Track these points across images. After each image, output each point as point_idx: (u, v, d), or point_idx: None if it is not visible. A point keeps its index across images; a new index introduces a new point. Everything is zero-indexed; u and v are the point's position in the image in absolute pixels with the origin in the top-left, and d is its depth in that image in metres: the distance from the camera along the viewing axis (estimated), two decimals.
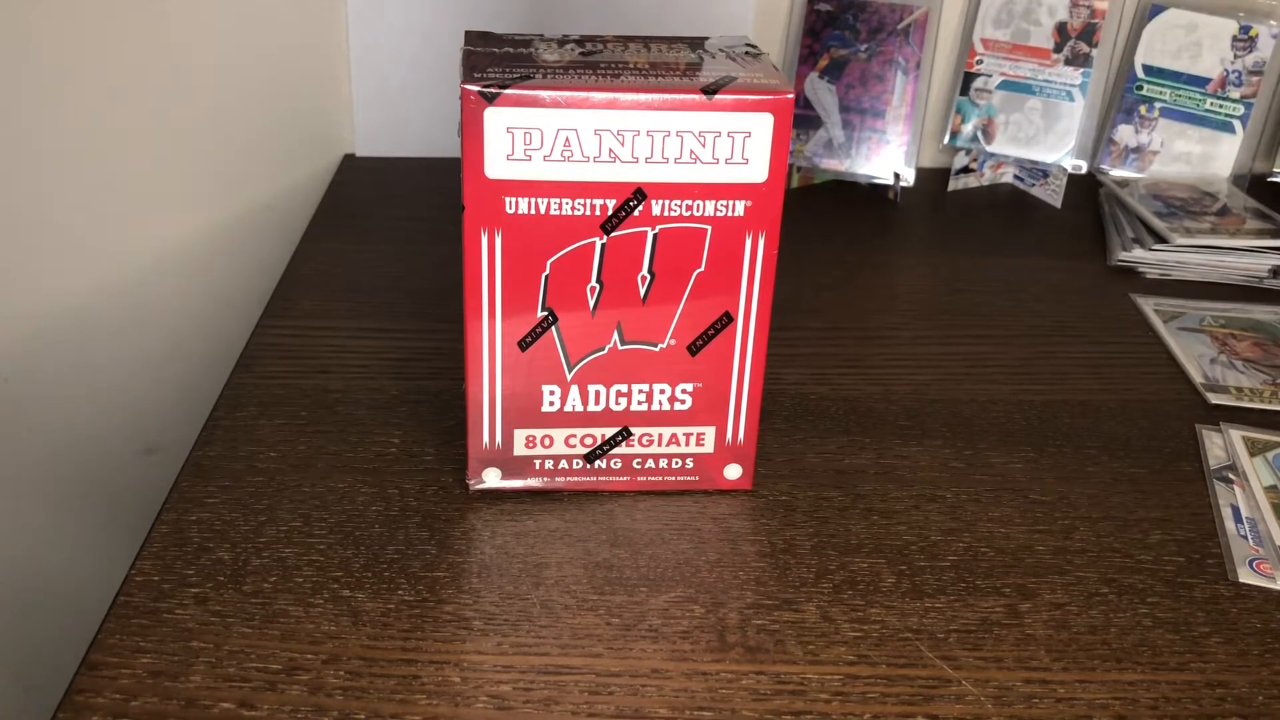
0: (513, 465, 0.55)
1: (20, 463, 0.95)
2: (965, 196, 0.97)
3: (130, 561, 0.50)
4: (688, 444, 0.55)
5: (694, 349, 0.53)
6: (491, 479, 0.55)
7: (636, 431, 0.55)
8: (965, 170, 0.97)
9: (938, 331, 0.73)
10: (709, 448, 0.55)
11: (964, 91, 0.96)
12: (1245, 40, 0.94)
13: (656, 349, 0.53)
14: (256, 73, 0.91)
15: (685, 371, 0.53)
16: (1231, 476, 0.59)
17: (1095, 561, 0.53)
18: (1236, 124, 0.95)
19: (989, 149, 0.96)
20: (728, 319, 0.52)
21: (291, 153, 0.95)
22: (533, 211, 0.49)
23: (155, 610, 0.47)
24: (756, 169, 0.49)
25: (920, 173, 0.96)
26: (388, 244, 0.82)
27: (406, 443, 0.59)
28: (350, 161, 0.96)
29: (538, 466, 0.55)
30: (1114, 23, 0.93)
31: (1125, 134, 0.97)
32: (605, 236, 0.50)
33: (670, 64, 0.50)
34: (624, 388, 0.53)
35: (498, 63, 0.49)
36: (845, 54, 0.93)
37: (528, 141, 0.48)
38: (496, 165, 0.48)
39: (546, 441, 0.55)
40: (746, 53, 0.53)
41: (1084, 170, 0.94)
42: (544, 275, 0.50)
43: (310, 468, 0.57)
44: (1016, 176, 0.98)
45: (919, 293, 0.79)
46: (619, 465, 0.55)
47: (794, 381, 0.66)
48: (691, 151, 0.48)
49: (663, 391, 0.54)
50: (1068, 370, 0.69)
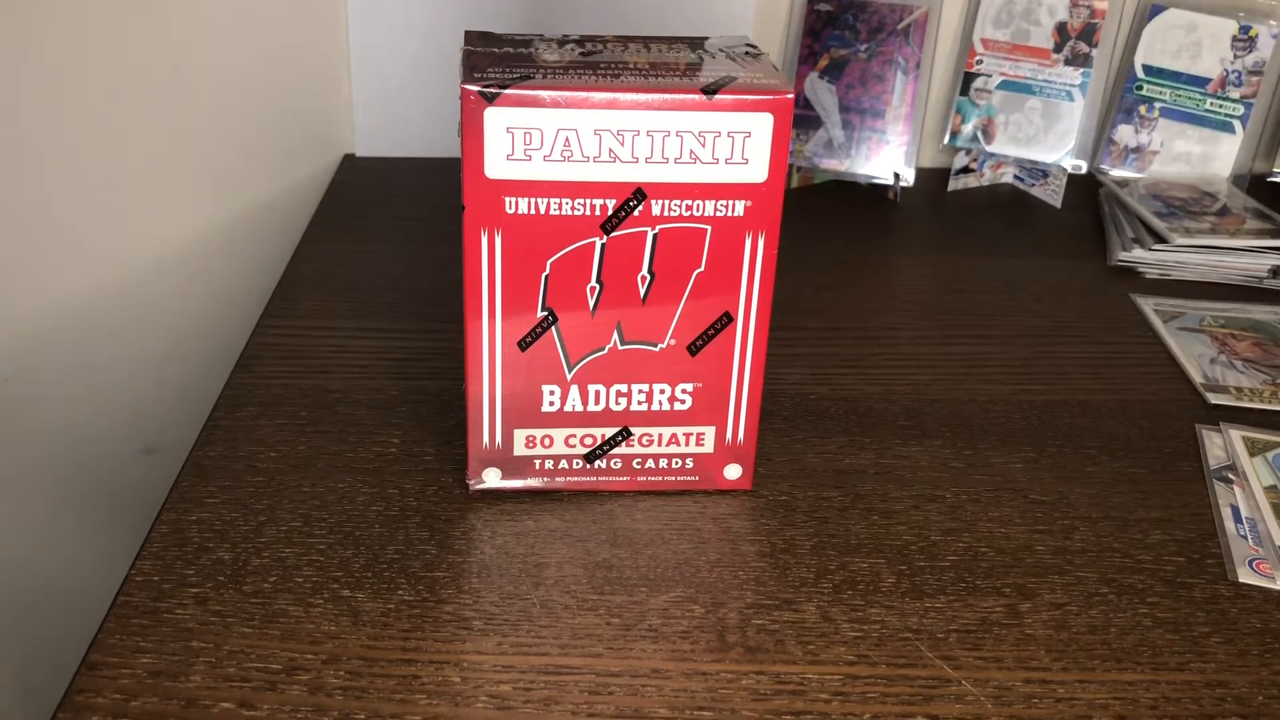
0: (513, 465, 0.55)
1: (20, 463, 0.95)
2: (965, 196, 0.97)
3: (130, 561, 0.50)
4: (688, 444, 0.55)
5: (694, 349, 0.53)
6: (491, 479, 0.55)
7: (636, 431, 0.55)
8: (965, 170, 0.97)
9: (938, 331, 0.73)
10: (709, 448, 0.55)
11: (964, 91, 0.96)
12: (1245, 40, 0.94)
13: (656, 349, 0.53)
14: (256, 73, 0.91)
15: (685, 371, 0.53)
16: (1231, 476, 0.59)
17: (1095, 561, 0.53)
18: (1236, 124, 0.95)
19: (989, 149, 0.96)
20: (728, 319, 0.52)
21: (291, 153, 0.95)
22: (533, 211, 0.49)
23: (155, 610, 0.48)
24: (756, 169, 0.49)
25: (920, 173, 0.96)
26: (388, 244, 0.82)
27: (406, 443, 0.59)
28: (350, 161, 0.96)
29: (538, 466, 0.55)
30: (1114, 23, 0.93)
31: (1125, 134, 0.97)
32: (605, 236, 0.50)
33: (670, 64, 0.50)
34: (624, 388, 0.53)
35: (498, 63, 0.49)
36: (845, 54, 0.93)
37: (528, 141, 0.48)
38: (496, 165, 0.48)
39: (546, 441, 0.55)
40: (746, 53, 0.53)
41: (1084, 170, 0.94)
42: (544, 275, 0.50)
43: (310, 468, 0.57)
44: (1016, 176, 0.98)
45: (919, 293, 0.79)
46: (619, 465, 0.55)
47: (794, 381, 0.66)
48: (691, 151, 0.48)
49: (663, 391, 0.54)
50: (1068, 370, 0.69)
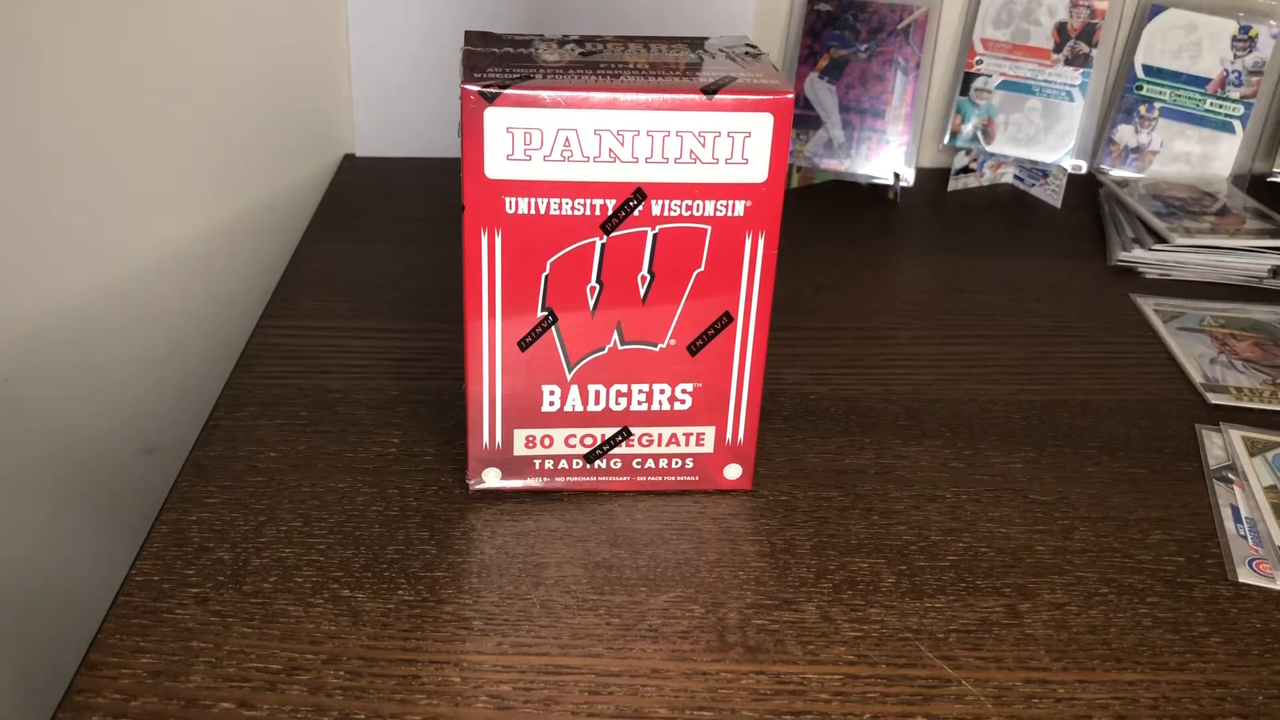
0: (513, 465, 0.55)
1: (20, 463, 0.95)
2: (965, 196, 0.97)
3: (130, 561, 0.50)
4: (687, 444, 0.55)
5: (694, 349, 0.53)
6: (491, 479, 0.55)
7: (636, 431, 0.55)
8: (965, 170, 0.97)
9: (938, 331, 0.73)
10: (709, 448, 0.55)
11: (964, 91, 0.96)
12: (1245, 40, 0.94)
13: (656, 349, 0.53)
14: (256, 73, 0.91)
15: (685, 371, 0.53)
16: (1231, 476, 0.59)
17: (1095, 561, 0.53)
18: (1236, 124, 0.95)
19: (989, 149, 0.96)
20: (728, 319, 0.52)
21: (291, 153, 0.95)
22: (533, 211, 0.49)
23: (155, 610, 0.47)
24: (756, 169, 0.49)
25: (920, 173, 0.96)
26: (388, 244, 0.82)
27: (406, 443, 0.59)
28: (350, 161, 0.96)
29: (538, 466, 0.55)
30: (1114, 23, 0.93)
31: (1125, 134, 0.97)
32: (605, 236, 0.50)
33: (670, 64, 0.50)
34: (624, 388, 0.53)
35: (498, 63, 0.49)
36: (845, 54, 0.93)
37: (528, 141, 0.48)
38: (496, 165, 0.48)
39: (546, 441, 0.55)
40: (746, 53, 0.53)
41: (1084, 170, 0.94)
42: (544, 275, 0.50)
43: (310, 468, 0.57)
44: (1016, 176, 0.98)
45: (919, 293, 0.79)
46: (619, 465, 0.55)
47: (794, 381, 0.66)
48: (691, 151, 0.48)
49: (663, 391, 0.54)
50: (1068, 370, 0.69)
